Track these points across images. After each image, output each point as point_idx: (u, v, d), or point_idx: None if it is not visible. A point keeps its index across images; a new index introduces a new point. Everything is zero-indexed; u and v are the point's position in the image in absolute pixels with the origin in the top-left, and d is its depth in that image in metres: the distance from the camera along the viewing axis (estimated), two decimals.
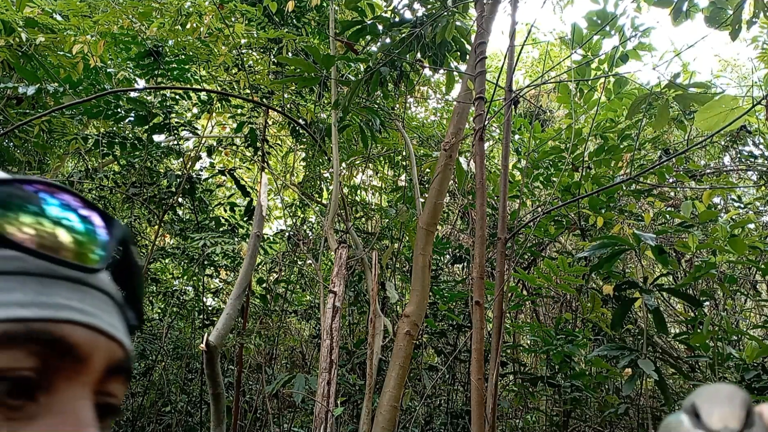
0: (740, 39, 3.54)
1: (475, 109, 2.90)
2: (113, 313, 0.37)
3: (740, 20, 3.25)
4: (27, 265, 0.34)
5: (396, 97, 5.00)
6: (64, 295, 0.34)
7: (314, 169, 6.08)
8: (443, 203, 4.14)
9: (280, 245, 6.48)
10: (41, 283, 0.34)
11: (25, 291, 0.33)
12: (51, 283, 0.34)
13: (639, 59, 4.13)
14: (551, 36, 8.66)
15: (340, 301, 3.78)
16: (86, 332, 0.34)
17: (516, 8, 3.05)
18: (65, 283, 0.35)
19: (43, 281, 0.34)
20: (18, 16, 4.02)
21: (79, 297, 0.35)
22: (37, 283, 0.34)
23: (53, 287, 0.34)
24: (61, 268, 0.34)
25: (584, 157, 4.63)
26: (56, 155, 5.88)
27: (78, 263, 0.35)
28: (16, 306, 0.32)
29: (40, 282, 0.34)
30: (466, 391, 5.41)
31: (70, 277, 0.35)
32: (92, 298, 0.36)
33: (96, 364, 0.35)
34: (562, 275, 3.71)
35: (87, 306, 0.35)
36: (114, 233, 0.37)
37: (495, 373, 2.61)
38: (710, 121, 2.29)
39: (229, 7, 4.37)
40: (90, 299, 0.36)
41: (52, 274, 0.34)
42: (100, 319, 0.35)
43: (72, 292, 0.35)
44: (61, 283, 0.35)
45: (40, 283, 0.34)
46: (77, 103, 4.10)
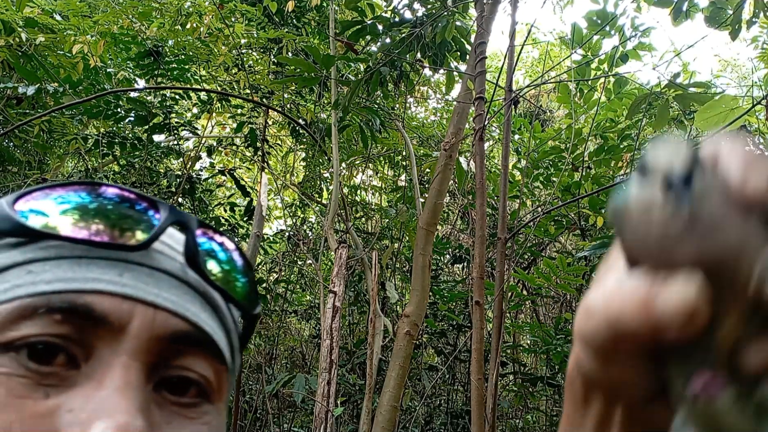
0: (740, 39, 3.54)
1: (475, 109, 2.90)
2: (172, 289, 0.38)
3: (740, 20, 3.25)
4: (64, 251, 0.36)
5: (396, 97, 5.00)
6: (98, 271, 0.36)
7: (314, 169, 6.09)
8: (443, 203, 4.14)
9: (280, 245, 6.48)
10: (76, 263, 0.35)
11: (56, 271, 0.35)
12: (87, 262, 0.36)
13: (639, 59, 4.13)
14: (551, 36, 8.66)
15: (340, 301, 3.78)
16: (118, 301, 0.35)
17: (516, 8, 3.05)
18: (103, 262, 0.36)
19: (78, 261, 0.36)
20: (18, 16, 4.02)
21: (117, 272, 0.36)
22: (72, 264, 0.35)
23: (88, 266, 0.36)
24: (101, 249, 0.36)
25: (584, 157, 4.63)
26: (56, 155, 5.88)
27: (112, 242, 0.36)
28: (42, 283, 0.34)
29: (75, 263, 0.35)
30: (466, 391, 5.41)
31: (110, 257, 0.36)
32: (135, 273, 0.37)
33: (137, 331, 0.35)
34: (562, 275, 3.71)
35: (124, 279, 0.36)
36: (163, 217, 0.38)
37: (495, 373, 2.61)
38: (710, 121, 2.29)
39: (229, 7, 4.37)
40: (131, 274, 0.36)
41: (89, 255, 0.36)
42: (139, 290, 0.36)
43: (109, 268, 0.36)
44: (98, 261, 0.36)
45: (75, 263, 0.35)
46: (77, 103, 4.10)
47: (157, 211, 0.39)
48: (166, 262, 0.39)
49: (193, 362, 0.37)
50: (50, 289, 0.34)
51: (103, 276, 0.35)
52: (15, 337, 0.33)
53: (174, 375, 0.37)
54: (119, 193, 0.39)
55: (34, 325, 0.33)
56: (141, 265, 0.37)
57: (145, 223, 0.38)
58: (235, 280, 0.42)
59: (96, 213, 0.37)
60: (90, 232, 0.36)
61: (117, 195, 0.38)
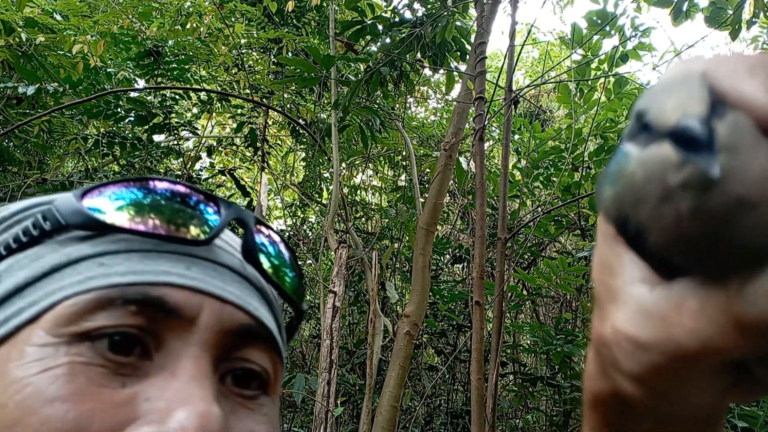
0: (740, 39, 3.54)
1: (475, 109, 2.90)
2: (234, 283, 0.39)
3: (740, 20, 3.25)
4: (133, 245, 0.37)
5: (396, 97, 5.00)
6: (167, 264, 0.37)
7: (314, 169, 6.09)
8: (443, 203, 4.14)
9: None
10: (146, 256, 0.36)
11: (128, 264, 0.36)
12: (155, 256, 0.37)
13: (639, 59, 4.13)
14: (551, 36, 8.66)
15: (340, 301, 3.78)
16: (188, 293, 0.36)
17: (516, 8, 3.05)
18: (171, 256, 0.37)
19: (147, 255, 0.37)
20: (18, 16, 4.02)
21: (185, 266, 0.37)
22: (141, 257, 0.36)
23: (157, 259, 0.37)
24: (167, 243, 0.37)
25: (584, 157, 4.63)
26: (56, 155, 5.88)
27: (176, 235, 0.37)
28: (116, 275, 0.35)
29: (144, 256, 0.36)
30: (466, 391, 5.41)
31: (177, 251, 0.38)
32: (202, 267, 0.38)
33: (206, 323, 0.36)
34: (562, 275, 3.71)
35: (193, 273, 0.37)
36: (225, 213, 0.40)
37: (495, 373, 2.61)
38: None
39: (229, 7, 4.37)
40: (199, 268, 0.38)
41: (157, 249, 0.37)
42: (207, 284, 0.37)
43: (177, 262, 0.37)
44: (166, 255, 0.37)
45: (145, 257, 0.36)
46: (77, 103, 4.10)
47: (216, 205, 0.40)
48: (226, 257, 0.40)
49: (254, 355, 0.39)
50: (124, 281, 0.35)
51: (172, 269, 0.36)
52: (92, 327, 0.34)
53: (237, 367, 0.38)
54: (175, 188, 0.39)
55: (110, 316, 0.34)
56: (205, 260, 0.38)
57: (206, 218, 0.39)
58: (284, 274, 0.43)
59: (155, 208, 0.38)
60: (154, 226, 0.37)
61: (172, 190, 0.39)
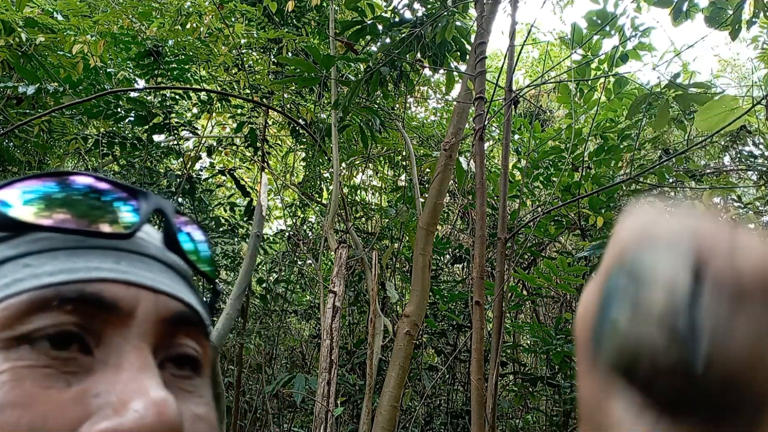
0: (740, 39, 3.54)
1: (475, 109, 2.90)
2: (161, 272, 0.39)
3: (740, 20, 3.25)
4: (56, 242, 0.36)
5: (396, 97, 5.00)
6: (96, 260, 0.36)
7: (314, 169, 6.09)
8: (443, 203, 4.14)
9: (280, 245, 6.48)
10: (72, 254, 0.36)
11: (55, 263, 0.35)
12: (82, 252, 0.36)
13: (639, 59, 4.13)
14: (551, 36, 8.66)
15: (340, 301, 3.78)
16: (123, 287, 0.36)
17: (516, 8, 3.05)
18: (97, 251, 0.37)
19: (74, 252, 0.36)
20: (18, 16, 4.02)
21: (114, 260, 0.37)
22: (68, 254, 0.36)
23: (84, 255, 0.36)
24: (91, 239, 0.37)
25: (584, 157, 4.63)
26: (56, 155, 5.88)
27: (100, 231, 0.37)
28: (45, 275, 0.35)
29: (70, 253, 0.36)
30: (466, 391, 5.41)
31: (102, 246, 0.37)
32: (130, 260, 0.38)
33: (143, 315, 0.36)
34: (562, 275, 3.71)
35: (123, 266, 0.37)
36: (145, 205, 0.39)
37: (495, 373, 2.61)
38: (710, 121, 2.29)
39: (229, 7, 4.37)
40: (127, 261, 0.38)
41: (81, 246, 0.37)
42: (139, 276, 0.37)
43: (105, 257, 0.37)
44: (92, 251, 0.37)
45: (71, 254, 0.36)
46: (77, 103, 4.10)
47: (135, 198, 0.40)
48: (149, 247, 0.40)
49: (187, 340, 0.39)
50: (56, 280, 0.34)
51: (103, 265, 0.36)
52: (31, 330, 0.33)
53: (174, 353, 0.38)
54: (93, 183, 0.39)
55: (48, 316, 0.34)
56: (131, 252, 0.38)
57: (126, 211, 0.39)
58: (203, 259, 0.44)
59: (69, 203, 0.37)
60: (66, 221, 0.36)
61: (91, 185, 0.39)
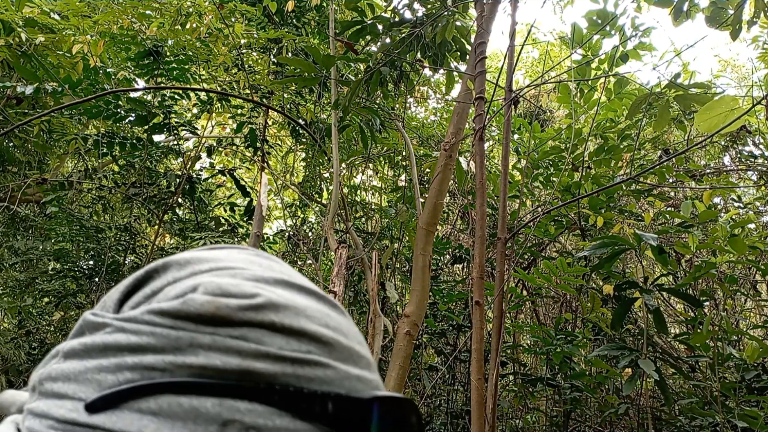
0: (740, 39, 3.54)
1: (475, 109, 2.90)
2: None
3: (740, 20, 3.25)
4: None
5: (396, 97, 4.99)
6: None
7: (314, 169, 6.08)
8: (443, 203, 4.14)
9: (280, 245, 6.48)
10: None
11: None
12: None
13: (639, 59, 4.13)
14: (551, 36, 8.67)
15: (340, 301, 3.78)
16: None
17: (516, 8, 3.05)
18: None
19: None
20: (18, 16, 4.02)
21: None
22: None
23: None
24: None
25: (584, 157, 4.63)
26: (56, 155, 5.88)
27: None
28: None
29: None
30: (466, 391, 5.41)
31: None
32: None
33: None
34: (562, 275, 3.71)
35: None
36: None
37: (495, 373, 2.61)
38: (710, 121, 2.29)
39: (229, 7, 4.37)
40: None
41: None
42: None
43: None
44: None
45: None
46: (77, 103, 4.10)
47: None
48: None
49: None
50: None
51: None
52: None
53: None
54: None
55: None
56: None
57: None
58: None
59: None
60: None
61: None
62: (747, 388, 3.74)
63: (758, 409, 3.39)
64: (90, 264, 5.64)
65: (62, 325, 5.66)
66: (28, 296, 5.50)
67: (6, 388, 6.06)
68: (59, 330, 5.70)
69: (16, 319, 5.99)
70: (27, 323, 5.75)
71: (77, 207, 5.96)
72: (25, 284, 5.58)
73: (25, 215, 5.81)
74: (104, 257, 5.34)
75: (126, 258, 5.66)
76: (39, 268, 5.89)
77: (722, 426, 3.39)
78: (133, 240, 5.70)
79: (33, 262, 5.82)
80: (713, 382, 3.50)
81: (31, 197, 5.67)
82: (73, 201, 5.87)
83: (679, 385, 5.11)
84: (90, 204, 5.57)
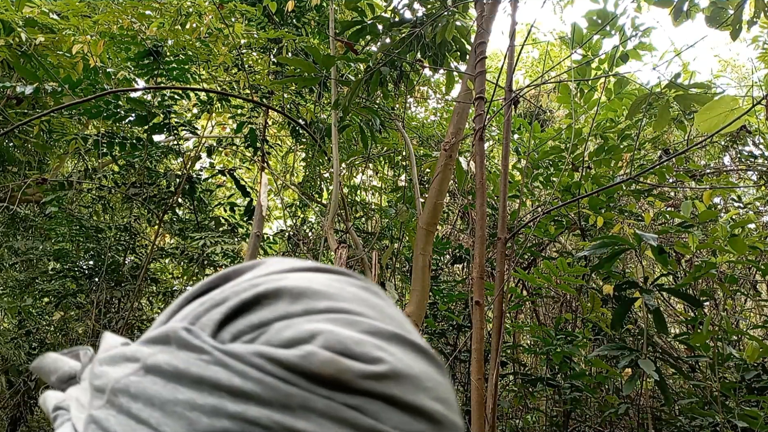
0: (740, 39, 3.54)
1: (475, 109, 2.90)
2: None
3: (740, 20, 3.25)
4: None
5: (396, 97, 5.00)
6: None
7: (314, 169, 6.09)
8: (443, 203, 4.14)
9: (280, 245, 6.48)
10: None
11: None
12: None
13: (639, 59, 4.13)
14: (551, 36, 8.67)
15: None
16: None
17: (516, 8, 3.05)
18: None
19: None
20: (18, 16, 4.02)
21: None
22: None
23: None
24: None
25: (584, 157, 4.63)
26: (56, 155, 5.88)
27: None
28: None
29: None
30: (466, 391, 5.41)
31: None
32: None
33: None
34: (562, 275, 3.71)
35: None
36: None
37: (495, 373, 2.61)
38: (710, 121, 2.29)
39: (229, 7, 4.37)
40: None
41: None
42: None
43: None
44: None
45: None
46: (77, 103, 4.10)
47: None
48: None
49: None
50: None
51: None
52: None
53: None
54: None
55: None
56: None
57: None
58: None
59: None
60: None
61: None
62: (747, 388, 3.74)
63: (758, 409, 3.39)
64: (90, 264, 5.64)
65: (62, 325, 5.66)
66: (28, 296, 5.50)
67: (6, 388, 6.03)
68: (59, 330, 5.69)
69: (16, 319, 5.99)
70: (27, 323, 5.75)
71: (77, 207, 5.96)
72: (25, 284, 5.58)
73: (25, 215, 5.81)
74: (104, 257, 5.34)
75: (126, 258, 5.67)
76: (39, 268, 5.89)
77: (722, 426, 3.39)
78: (133, 240, 5.70)
79: (33, 262, 5.82)
80: (713, 382, 3.50)
81: (31, 197, 5.68)
82: (73, 201, 5.87)
83: (679, 385, 5.11)
84: (90, 204, 5.57)
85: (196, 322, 0.38)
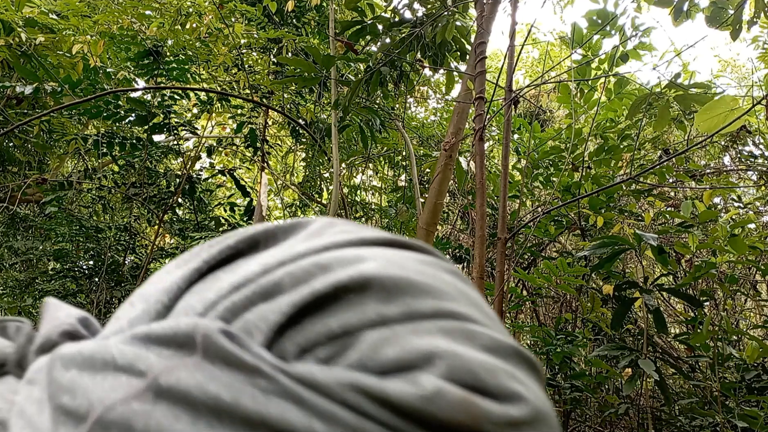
0: (740, 39, 3.54)
1: (475, 109, 2.90)
2: None
3: (740, 20, 3.25)
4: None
5: (396, 97, 5.00)
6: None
7: (314, 169, 6.09)
8: (443, 203, 4.14)
9: None
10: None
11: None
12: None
13: (639, 59, 4.13)
14: (551, 36, 8.67)
15: None
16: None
17: (516, 8, 3.05)
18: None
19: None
20: (18, 16, 4.02)
21: None
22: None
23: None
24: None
25: (584, 157, 4.63)
26: (56, 155, 5.88)
27: None
28: None
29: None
30: None
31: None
32: None
33: None
34: (562, 275, 3.71)
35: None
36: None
37: None
38: (710, 121, 2.29)
39: (229, 7, 4.37)
40: None
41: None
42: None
43: None
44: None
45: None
46: (77, 103, 4.10)
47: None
48: None
49: None
50: None
51: None
52: None
53: None
54: None
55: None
56: None
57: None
58: None
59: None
60: None
61: None
62: (747, 388, 3.74)
63: (758, 409, 3.39)
64: (90, 264, 5.64)
65: None
66: (28, 296, 5.50)
67: None
68: None
69: None
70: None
71: (77, 207, 5.96)
72: (25, 284, 5.58)
73: (25, 215, 5.82)
74: (104, 257, 5.34)
75: (126, 258, 5.67)
76: (39, 268, 5.89)
77: (722, 426, 3.39)
78: (133, 240, 5.70)
79: (33, 262, 5.82)
80: (713, 382, 3.50)
81: (31, 197, 5.68)
82: (73, 201, 5.87)
83: (679, 385, 5.11)
84: (90, 204, 5.57)
85: (233, 319, 0.24)
